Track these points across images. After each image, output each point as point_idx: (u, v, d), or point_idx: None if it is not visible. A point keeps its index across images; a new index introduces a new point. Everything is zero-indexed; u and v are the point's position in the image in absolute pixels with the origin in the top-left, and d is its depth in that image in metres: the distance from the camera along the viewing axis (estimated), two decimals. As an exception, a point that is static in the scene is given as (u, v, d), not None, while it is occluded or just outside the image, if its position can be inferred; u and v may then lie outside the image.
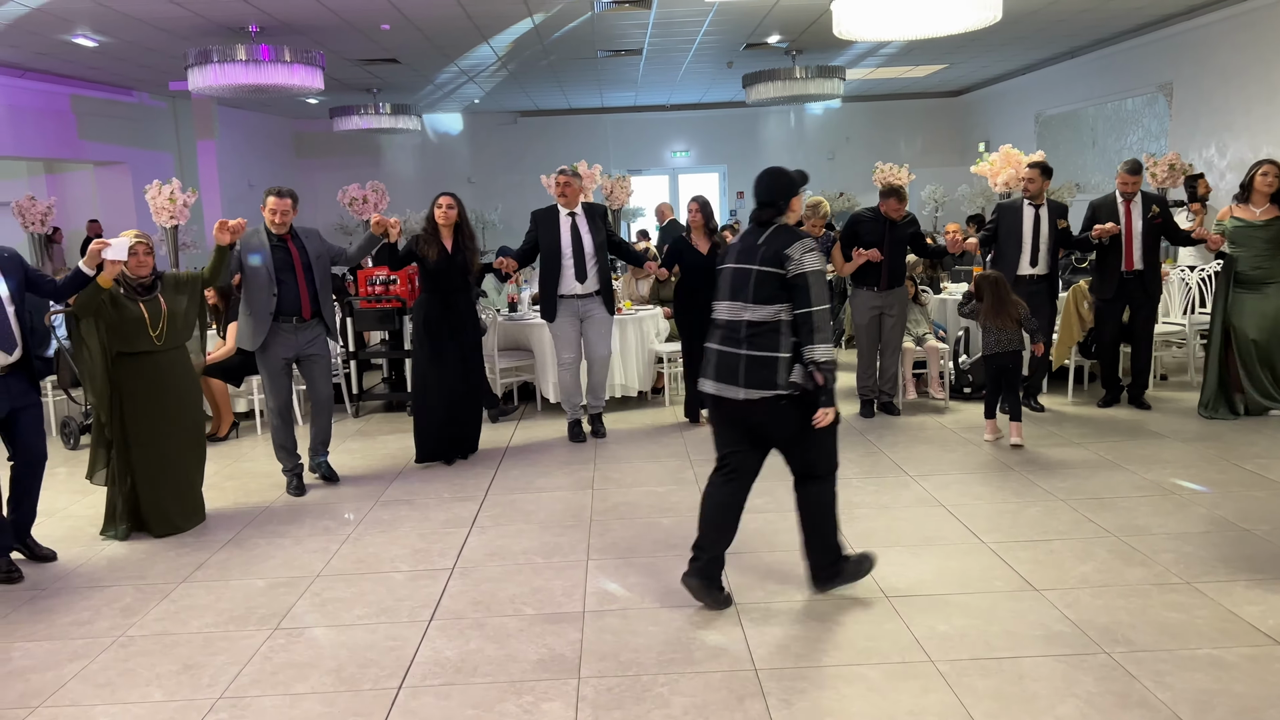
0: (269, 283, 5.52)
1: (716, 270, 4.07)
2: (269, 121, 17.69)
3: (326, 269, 5.76)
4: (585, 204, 6.62)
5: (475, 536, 4.86)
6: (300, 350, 5.70)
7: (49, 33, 9.68)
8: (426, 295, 6.11)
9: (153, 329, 4.92)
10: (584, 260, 6.50)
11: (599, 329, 6.68)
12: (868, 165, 18.14)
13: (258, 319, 5.57)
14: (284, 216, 5.57)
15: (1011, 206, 6.98)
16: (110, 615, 4.04)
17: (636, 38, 11.49)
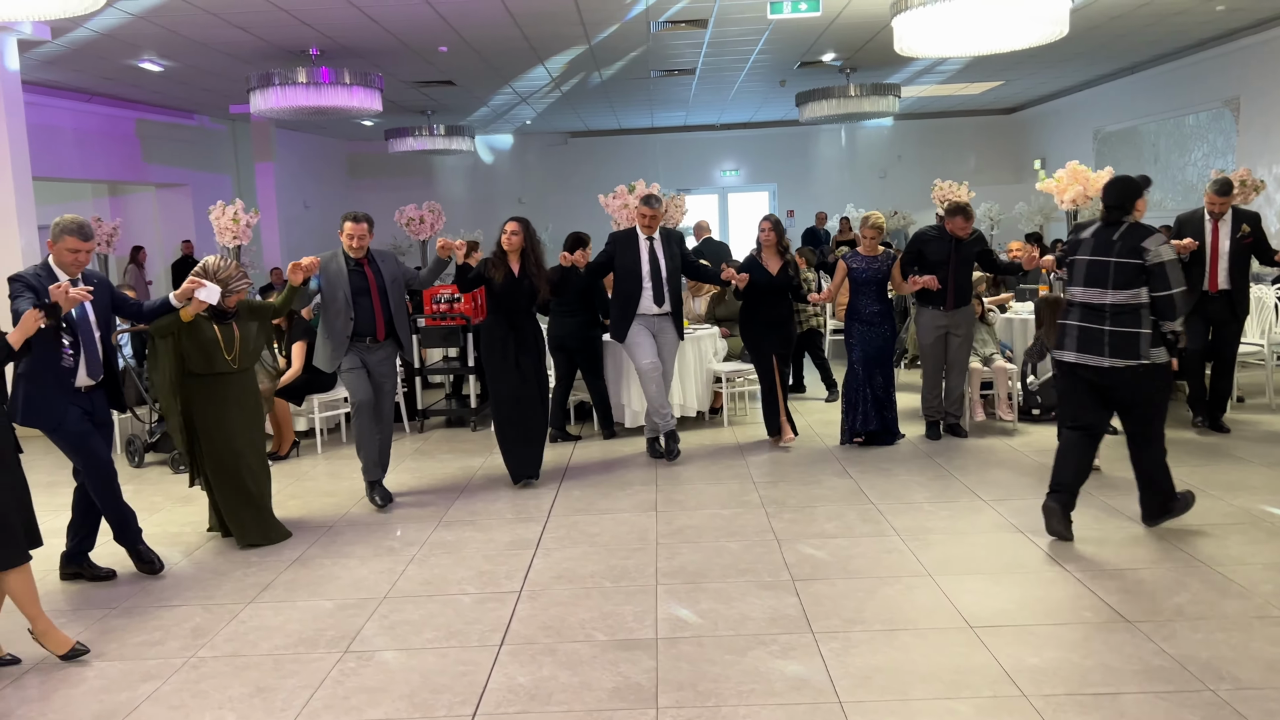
0: (346, 306, 5.62)
1: (1066, 262, 4.81)
2: (324, 144, 17.95)
3: (401, 291, 5.85)
4: (663, 229, 6.66)
5: (541, 559, 4.79)
6: (373, 369, 5.78)
7: (116, 58, 9.90)
8: (492, 317, 6.13)
9: (228, 352, 5.04)
10: (661, 284, 6.55)
11: (669, 347, 6.73)
12: (920, 183, 18.05)
13: (335, 341, 5.68)
14: (360, 241, 5.67)
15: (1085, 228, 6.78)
16: (180, 636, 4.02)
17: (690, 57, 11.48)
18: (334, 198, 18.01)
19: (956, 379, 6.96)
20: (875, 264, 6.79)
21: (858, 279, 6.80)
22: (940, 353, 6.90)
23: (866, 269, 6.79)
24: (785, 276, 6.82)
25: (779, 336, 6.88)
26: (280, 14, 8.43)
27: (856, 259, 6.84)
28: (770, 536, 4.96)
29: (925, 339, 6.91)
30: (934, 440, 6.88)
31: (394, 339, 5.81)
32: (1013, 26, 7.29)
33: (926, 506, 5.37)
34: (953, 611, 3.94)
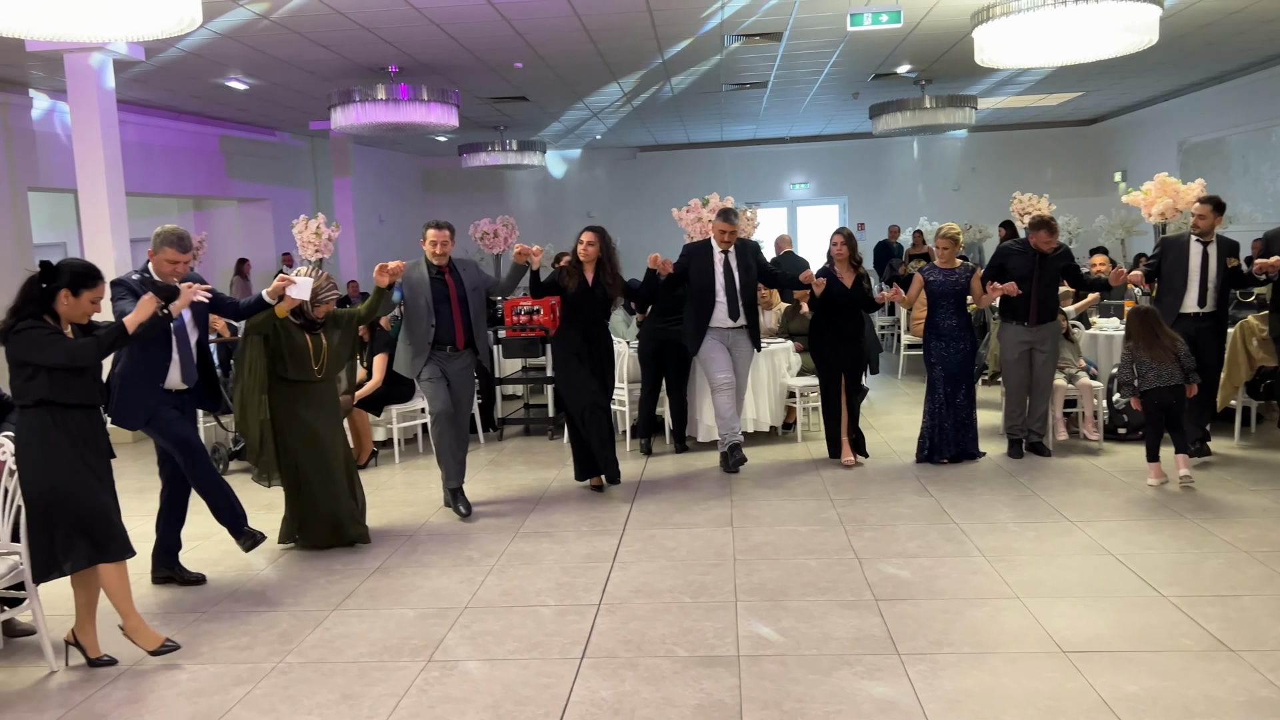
0: (428, 313, 5.69)
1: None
2: (399, 159, 18.28)
3: (481, 300, 5.90)
4: (738, 241, 6.62)
5: (618, 572, 4.78)
6: (452, 377, 5.84)
7: (205, 76, 10.20)
8: (566, 325, 6.16)
9: (315, 361, 5.15)
10: (736, 297, 6.52)
11: (744, 360, 6.69)
12: (994, 196, 17.75)
13: (417, 348, 5.74)
14: (443, 248, 5.75)
15: (1177, 242, 6.60)
16: (269, 641, 4.10)
17: (763, 70, 11.44)
18: (409, 212, 18.32)
19: (1040, 397, 6.79)
20: (953, 276, 6.67)
21: (935, 292, 6.69)
22: (1024, 370, 6.74)
23: (944, 281, 6.68)
24: (859, 290, 6.75)
25: (851, 354, 6.78)
26: (362, 32, 8.61)
27: (934, 271, 6.73)
28: (850, 555, 4.88)
29: (1009, 355, 6.76)
30: (1016, 459, 6.72)
31: (473, 348, 5.87)
32: (1099, 36, 7.12)
33: (1012, 527, 5.24)
34: (1044, 635, 3.83)
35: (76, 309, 3.74)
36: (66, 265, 3.74)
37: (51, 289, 3.69)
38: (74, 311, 3.74)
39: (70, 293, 3.70)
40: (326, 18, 8.07)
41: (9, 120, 10.02)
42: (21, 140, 10.18)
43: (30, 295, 3.70)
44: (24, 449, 3.74)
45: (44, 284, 3.69)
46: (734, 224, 6.54)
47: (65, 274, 3.70)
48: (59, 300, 3.70)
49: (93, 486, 3.76)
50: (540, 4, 8.00)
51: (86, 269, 3.76)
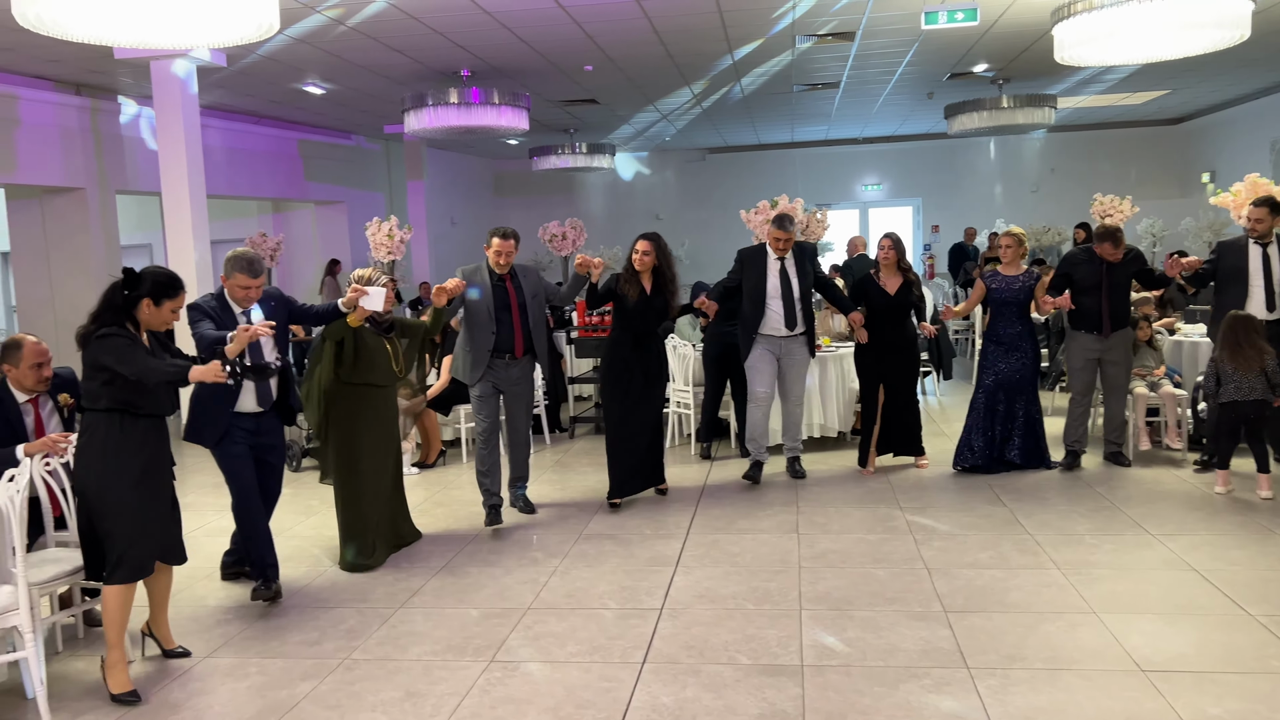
0: (489, 320, 5.63)
1: None
2: (471, 162, 18.51)
3: (542, 307, 5.84)
4: (797, 246, 6.45)
5: (681, 576, 4.75)
6: (509, 385, 5.78)
7: (283, 81, 10.44)
8: (619, 333, 6.03)
9: (395, 363, 5.18)
10: (793, 304, 6.33)
11: (798, 367, 6.48)
12: (1074, 198, 17.30)
13: (477, 354, 5.69)
14: (508, 258, 5.69)
15: (1234, 246, 6.32)
16: (336, 637, 4.16)
17: (835, 71, 11.30)
18: (480, 215, 18.54)
19: (1116, 405, 6.57)
20: (1016, 283, 6.42)
21: (997, 299, 6.45)
22: (1089, 380, 6.53)
23: (1006, 288, 6.43)
24: (904, 296, 6.50)
25: (896, 362, 6.55)
26: (435, 37, 8.72)
27: (996, 278, 6.49)
28: (919, 564, 4.78)
29: (1074, 363, 6.55)
30: (1072, 470, 6.50)
31: (531, 355, 5.80)
32: (1186, 32, 6.86)
33: (1089, 539, 5.07)
34: (1121, 653, 3.69)
35: (157, 318, 3.73)
36: (149, 274, 3.73)
37: (133, 297, 3.67)
38: (154, 320, 3.73)
39: (152, 302, 3.68)
40: (400, 22, 8.19)
41: (99, 125, 10.38)
42: (110, 144, 10.54)
43: (112, 302, 3.68)
44: (84, 450, 3.71)
45: (126, 291, 3.68)
46: (789, 231, 6.32)
47: (147, 283, 3.68)
48: (140, 308, 3.68)
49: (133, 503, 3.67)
50: (610, 6, 8.01)
51: (169, 279, 3.75)
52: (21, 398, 4.18)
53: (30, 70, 9.44)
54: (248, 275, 4.44)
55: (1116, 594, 4.29)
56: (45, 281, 10.34)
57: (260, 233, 12.54)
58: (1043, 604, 4.22)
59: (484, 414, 5.75)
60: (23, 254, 10.60)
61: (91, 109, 10.29)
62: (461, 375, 5.82)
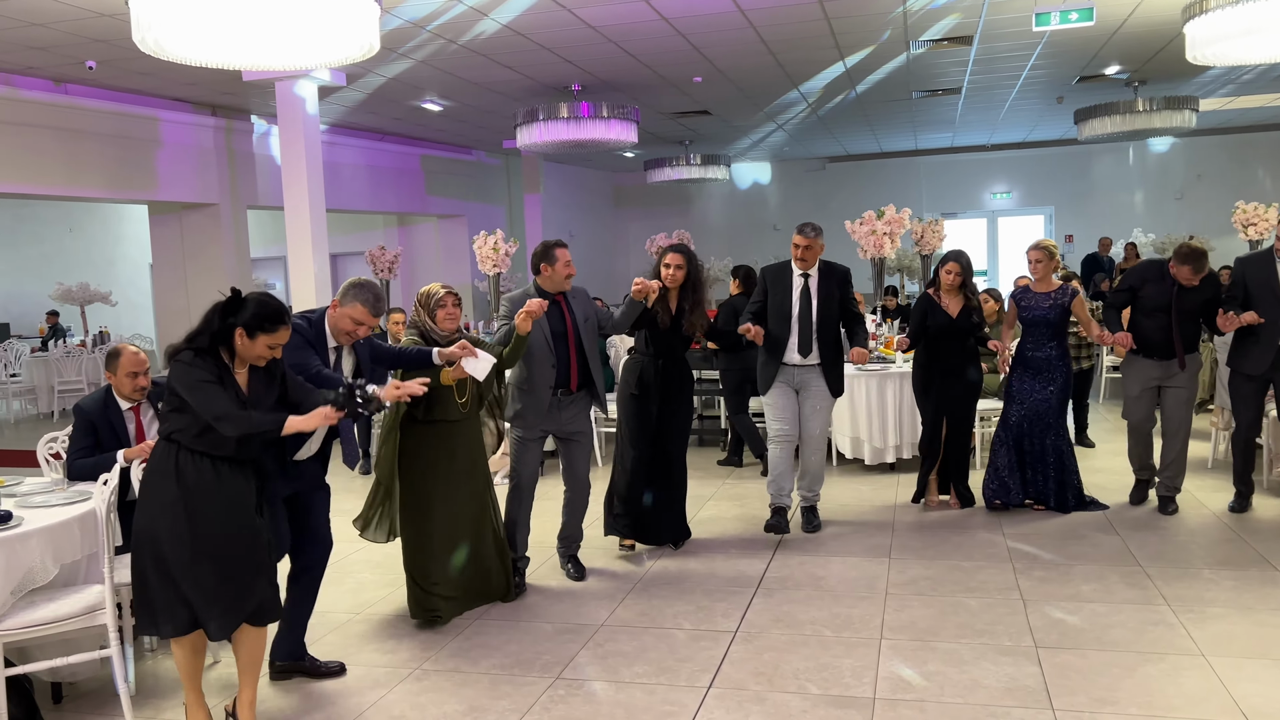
0: (548, 352, 4.79)
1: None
2: (590, 175, 18.74)
3: (594, 335, 5.02)
4: (824, 263, 5.64)
5: (761, 598, 4.63)
6: (562, 426, 4.93)
7: (403, 99, 10.80)
8: (641, 356, 5.39)
9: (460, 396, 4.44)
10: (810, 329, 5.53)
11: (816, 402, 5.61)
12: (1224, 205, 16.18)
13: (538, 393, 4.80)
14: (570, 281, 4.90)
15: (1259, 260, 5.68)
16: (411, 647, 4.21)
17: (955, 76, 10.94)
18: (599, 227, 18.75)
19: (1173, 442, 5.83)
20: (1048, 300, 5.80)
21: (1026, 319, 5.86)
22: (1149, 407, 5.90)
23: (1036, 307, 5.82)
24: (967, 320, 5.88)
25: (960, 387, 5.95)
26: (544, 53, 8.85)
27: (1026, 295, 5.88)
28: (1015, 595, 4.52)
29: (1130, 390, 5.92)
30: (1138, 504, 5.97)
31: (589, 389, 4.98)
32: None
33: (1206, 574, 4.70)
34: (1228, 702, 3.39)
35: (250, 351, 3.28)
36: (254, 301, 3.29)
37: (230, 324, 3.26)
38: (247, 353, 3.29)
39: (246, 333, 3.25)
40: (509, 40, 8.35)
41: (232, 144, 10.96)
42: (242, 162, 11.11)
43: (209, 323, 3.28)
44: (146, 480, 3.34)
45: (227, 316, 3.26)
46: (810, 239, 5.53)
47: (248, 310, 3.25)
48: (235, 337, 3.25)
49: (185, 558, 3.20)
50: (715, 18, 7.96)
51: (273, 311, 3.28)
52: (124, 405, 4.40)
53: (170, 93, 10.05)
54: (369, 311, 3.81)
55: (1231, 636, 3.96)
56: (182, 292, 10.98)
57: (380, 246, 12.97)
58: (1145, 644, 3.92)
59: (524, 461, 4.87)
60: (163, 266, 11.28)
61: (226, 129, 10.88)
62: (517, 421, 4.89)
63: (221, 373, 3.25)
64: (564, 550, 5.19)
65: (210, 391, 3.19)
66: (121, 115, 9.79)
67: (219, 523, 3.26)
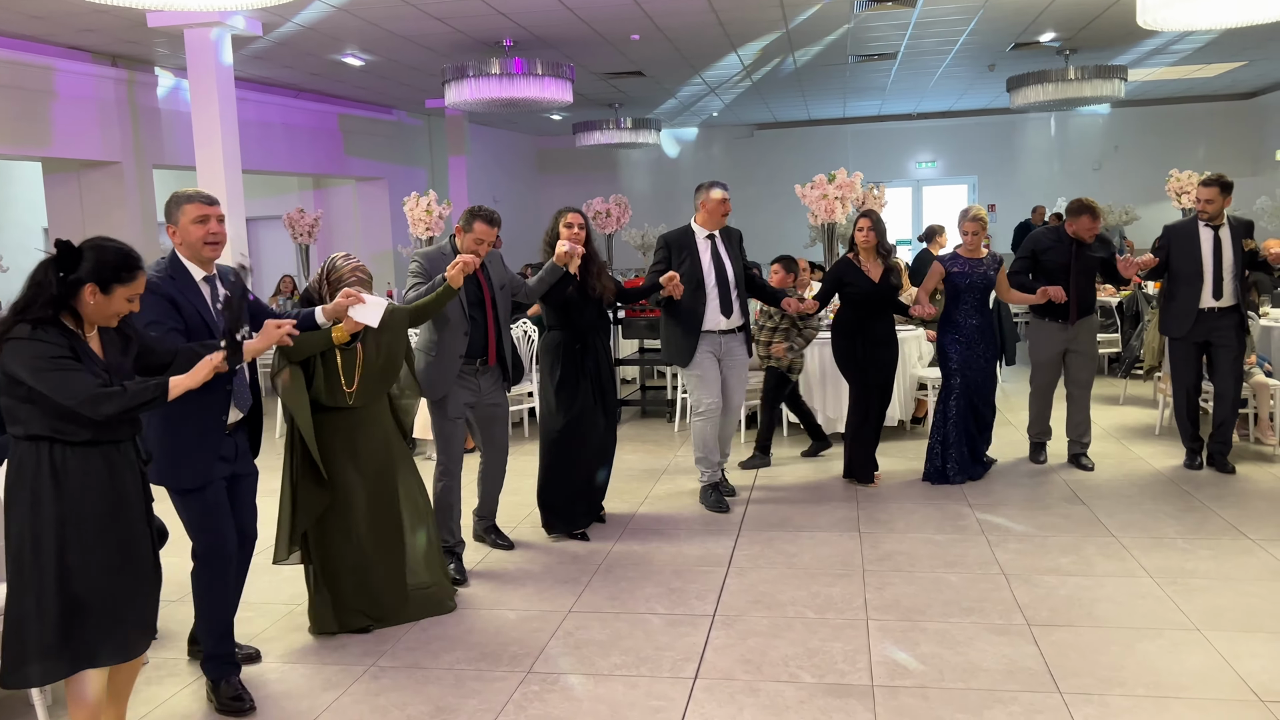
0: (462, 318, 4.47)
1: None
2: (515, 138, 18.19)
3: (508, 303, 4.73)
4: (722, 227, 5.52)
5: (734, 578, 4.39)
6: (481, 398, 4.63)
7: (322, 53, 10.17)
8: (559, 333, 5.02)
9: (347, 384, 3.82)
10: (729, 290, 5.37)
11: (738, 372, 5.52)
12: (1140, 176, 16.58)
13: (448, 362, 4.48)
14: (488, 248, 4.51)
15: (1183, 230, 5.82)
16: (363, 640, 3.86)
17: (893, 40, 10.78)
18: (523, 192, 18.22)
19: (1080, 401, 6.08)
20: (980, 267, 5.76)
21: (958, 285, 5.77)
22: (1055, 372, 6.08)
23: (969, 273, 5.75)
24: (888, 284, 5.73)
25: (890, 354, 5.84)
26: (477, 3, 8.37)
27: (957, 262, 5.79)
28: (995, 569, 4.38)
29: (1040, 355, 6.09)
30: (1040, 464, 6.12)
31: (503, 364, 4.68)
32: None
33: (1181, 543, 4.63)
34: (1235, 679, 3.28)
35: (106, 308, 2.72)
36: (94, 249, 2.71)
37: (71, 281, 2.66)
38: (101, 312, 2.72)
39: (98, 288, 2.68)
40: (440, -12, 7.86)
41: (136, 97, 10.19)
42: (147, 117, 10.34)
43: (43, 287, 2.66)
44: (10, 492, 2.74)
45: (63, 273, 2.67)
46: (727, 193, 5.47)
47: (90, 262, 2.68)
48: (82, 297, 2.67)
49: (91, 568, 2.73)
50: (659, -31, 7.61)
51: (120, 258, 2.73)
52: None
53: (65, 41, 9.25)
54: (201, 204, 3.28)
55: (1220, 609, 3.86)
56: (83, 257, 10.20)
57: (298, 209, 12.31)
58: (1138, 618, 3.80)
59: (449, 444, 4.58)
60: (59, 230, 10.43)
61: (129, 81, 10.10)
62: (429, 391, 4.50)
63: (73, 343, 2.67)
64: (483, 523, 4.98)
65: (67, 369, 2.62)
66: (11, 64, 8.97)
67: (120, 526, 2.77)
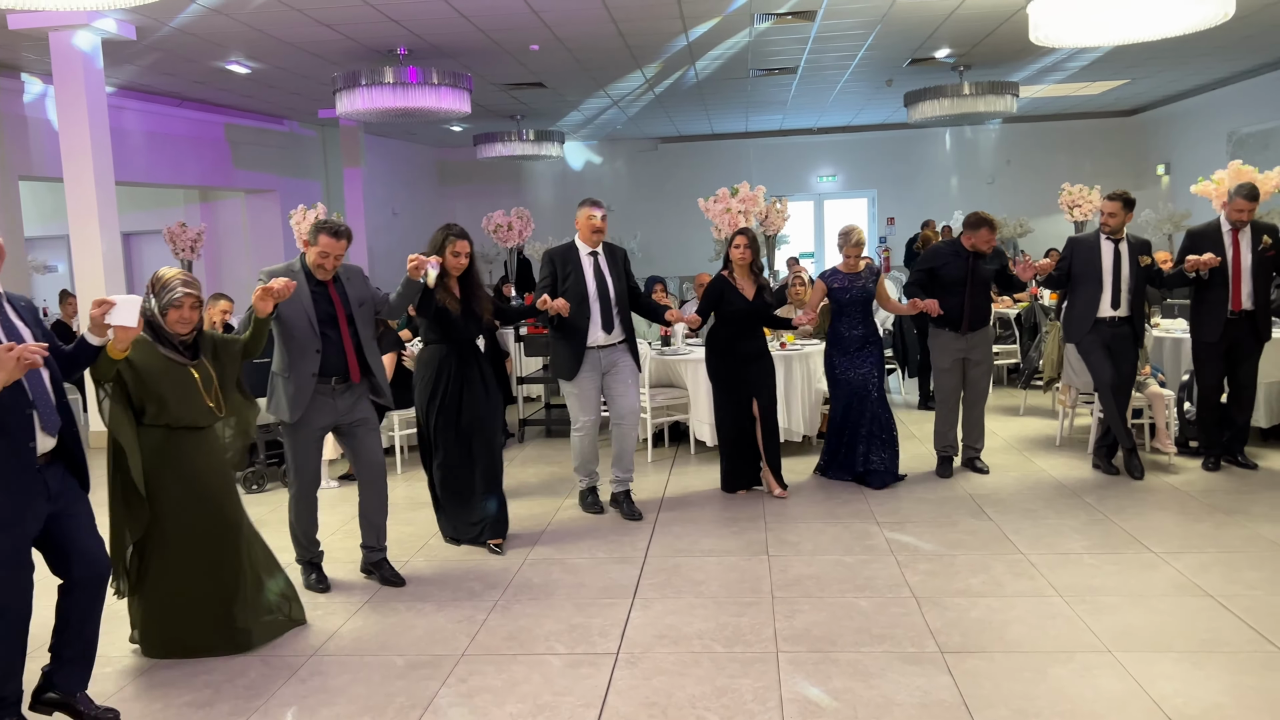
0: (312, 336, 4.34)
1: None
2: (413, 150, 17.75)
3: (371, 317, 4.60)
4: (606, 244, 5.60)
5: (639, 611, 4.18)
6: (340, 418, 4.50)
7: (204, 60, 9.67)
8: (438, 346, 4.99)
9: (208, 396, 3.80)
10: (610, 306, 5.47)
11: (625, 379, 5.58)
12: (1031, 189, 17.05)
13: (299, 381, 4.34)
14: (335, 262, 4.40)
15: (1086, 242, 6.03)
16: (232, 695, 3.52)
17: (794, 55, 10.80)
18: (423, 205, 17.78)
19: (975, 410, 6.25)
20: (859, 281, 5.98)
21: (840, 300, 5.99)
22: (957, 380, 6.21)
23: (849, 288, 5.97)
24: (763, 302, 5.85)
25: (759, 372, 5.87)
26: (367, 9, 8.03)
27: (837, 277, 6.01)
28: (906, 592, 4.26)
29: (940, 363, 6.22)
30: (946, 478, 6.15)
31: (369, 379, 4.55)
32: (1171, 8, 6.46)
33: (1087, 559, 4.60)
34: (1149, 704, 3.20)
35: None
36: None
37: None
38: None
39: None
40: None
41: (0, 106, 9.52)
42: (13, 126, 9.68)
43: None
44: None
45: None
46: (605, 210, 5.54)
47: None
48: None
49: None
50: (557, -23, 7.41)
51: None
52: None
53: (-84, 43, 8.58)
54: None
55: (1130, 628, 3.81)
56: (-61, 276, 9.47)
57: (180, 223, 11.70)
58: (1049, 641, 3.72)
59: (301, 468, 4.48)
60: (-86, 245, 9.67)
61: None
62: (279, 412, 4.43)
63: None
64: (372, 555, 4.74)
65: None
66: None
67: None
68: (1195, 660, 3.51)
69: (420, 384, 5.06)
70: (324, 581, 4.61)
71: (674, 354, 7.10)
